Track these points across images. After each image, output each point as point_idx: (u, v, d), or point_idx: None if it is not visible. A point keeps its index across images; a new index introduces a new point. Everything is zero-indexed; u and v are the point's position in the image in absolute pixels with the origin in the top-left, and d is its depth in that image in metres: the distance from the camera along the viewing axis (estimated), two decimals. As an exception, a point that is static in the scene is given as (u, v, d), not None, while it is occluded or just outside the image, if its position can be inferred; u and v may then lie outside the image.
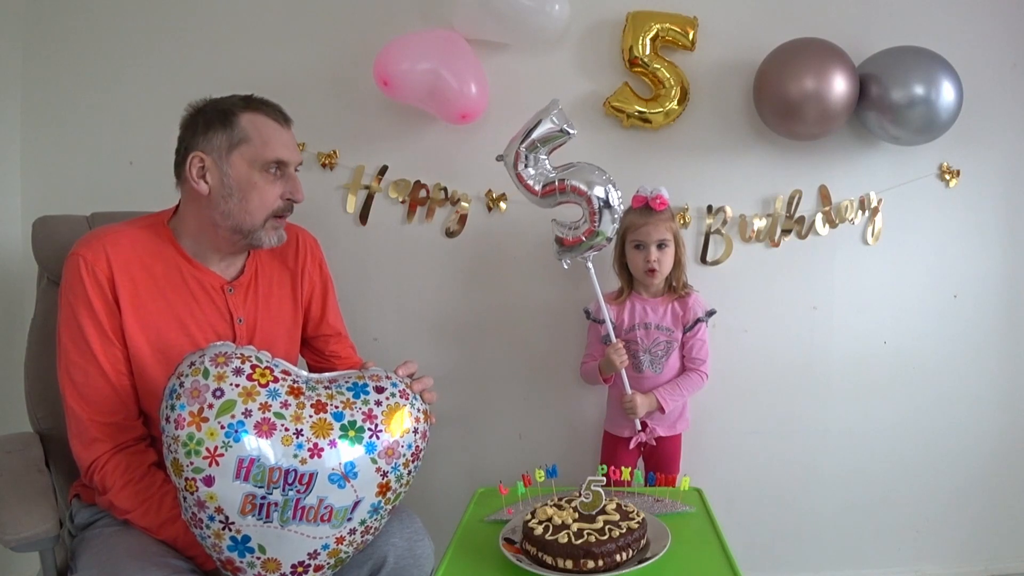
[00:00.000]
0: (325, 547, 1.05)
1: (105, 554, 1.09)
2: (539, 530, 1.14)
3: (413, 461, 1.13)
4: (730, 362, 1.96)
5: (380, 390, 1.12)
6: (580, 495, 1.22)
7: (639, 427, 1.77)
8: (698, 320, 1.77)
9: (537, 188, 1.64)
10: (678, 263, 1.77)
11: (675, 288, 1.79)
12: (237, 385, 1.01)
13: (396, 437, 1.09)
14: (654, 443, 1.78)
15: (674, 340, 1.78)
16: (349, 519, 1.06)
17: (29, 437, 1.32)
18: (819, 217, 1.97)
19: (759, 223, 1.97)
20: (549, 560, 1.11)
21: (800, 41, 1.82)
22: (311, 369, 1.39)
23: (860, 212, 1.98)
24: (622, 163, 1.95)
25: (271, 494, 1.00)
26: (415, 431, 1.12)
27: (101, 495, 1.16)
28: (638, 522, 1.17)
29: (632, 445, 1.78)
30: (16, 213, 1.90)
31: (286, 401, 1.04)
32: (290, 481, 1.01)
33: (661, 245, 1.72)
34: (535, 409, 2.01)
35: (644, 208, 1.72)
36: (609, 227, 1.65)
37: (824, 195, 1.98)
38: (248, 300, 1.31)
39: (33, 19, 1.91)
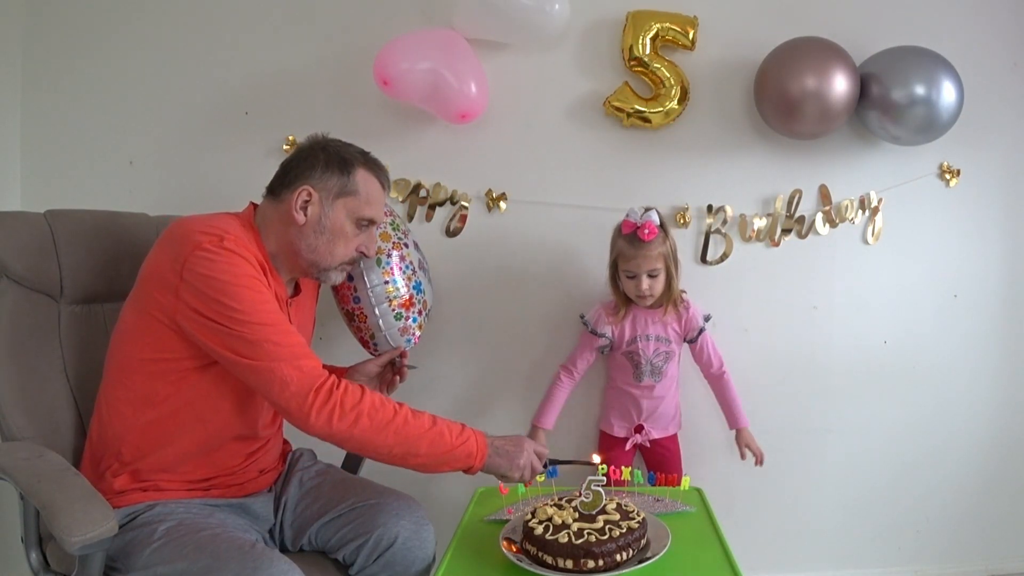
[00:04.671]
0: None
1: (172, 544, 1.12)
2: (539, 530, 1.14)
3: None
4: (730, 362, 1.95)
5: None
6: (580, 495, 1.22)
7: (639, 439, 1.82)
8: (701, 330, 1.80)
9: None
10: (670, 283, 1.75)
11: (672, 300, 1.78)
12: None
13: None
14: (648, 444, 1.82)
15: (673, 351, 1.81)
16: None
17: (32, 444, 1.23)
18: (819, 217, 1.97)
19: (759, 223, 1.97)
20: (549, 560, 1.11)
21: (801, 40, 1.82)
22: None
23: (860, 212, 1.98)
24: (622, 163, 1.95)
25: None
26: None
27: (340, 414, 1.14)
28: (638, 522, 1.17)
29: (628, 446, 1.82)
30: (16, 213, 1.90)
31: None
32: None
33: (652, 274, 1.71)
34: (535, 408, 2.00)
35: (634, 238, 1.69)
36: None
37: (824, 195, 1.98)
38: (296, 314, 1.38)
39: (33, 19, 1.91)
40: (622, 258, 1.73)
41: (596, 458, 1.34)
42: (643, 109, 1.88)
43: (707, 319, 1.82)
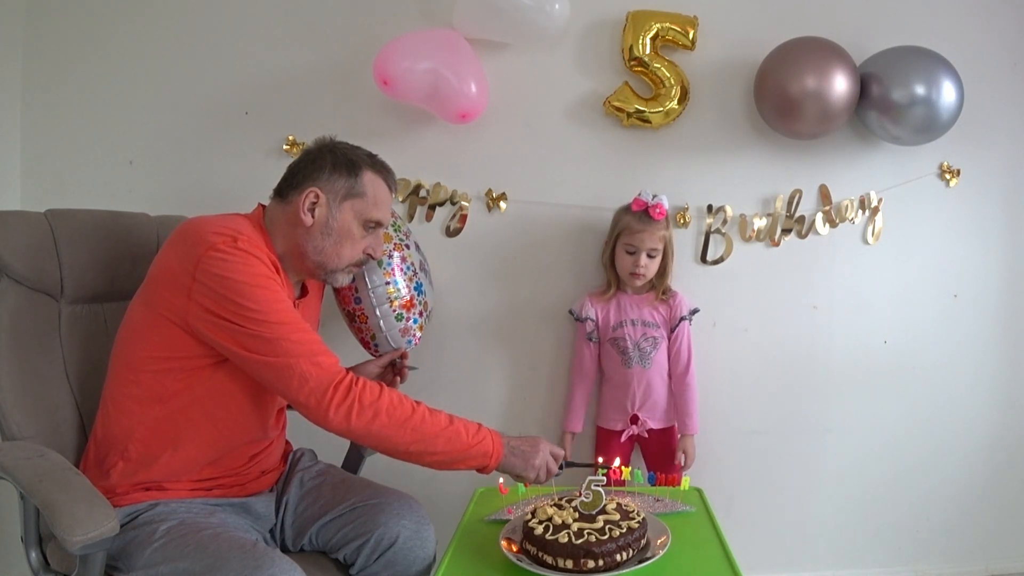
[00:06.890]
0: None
1: (173, 544, 1.12)
2: (539, 530, 1.14)
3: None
4: (730, 362, 1.97)
5: None
6: (580, 495, 1.22)
7: (636, 430, 1.82)
8: (682, 319, 1.82)
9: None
10: (663, 270, 1.80)
11: (662, 288, 1.82)
12: None
13: None
14: (646, 435, 1.83)
15: (661, 336, 1.83)
16: None
17: (32, 444, 1.23)
18: (819, 217, 1.97)
19: (759, 222, 1.97)
20: (549, 560, 1.11)
21: (801, 40, 1.82)
22: None
23: (860, 211, 1.98)
24: (622, 163, 1.95)
25: None
26: None
27: (359, 410, 1.15)
28: (638, 522, 1.17)
29: (624, 438, 1.83)
30: (16, 213, 1.90)
31: None
32: None
33: (651, 254, 1.76)
34: (535, 407, 2.00)
35: (643, 214, 1.75)
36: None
37: (824, 194, 1.98)
38: (302, 316, 1.37)
39: (33, 19, 1.91)
40: (627, 231, 1.76)
41: (617, 461, 1.36)
42: (643, 109, 1.88)
43: (693, 312, 1.84)
